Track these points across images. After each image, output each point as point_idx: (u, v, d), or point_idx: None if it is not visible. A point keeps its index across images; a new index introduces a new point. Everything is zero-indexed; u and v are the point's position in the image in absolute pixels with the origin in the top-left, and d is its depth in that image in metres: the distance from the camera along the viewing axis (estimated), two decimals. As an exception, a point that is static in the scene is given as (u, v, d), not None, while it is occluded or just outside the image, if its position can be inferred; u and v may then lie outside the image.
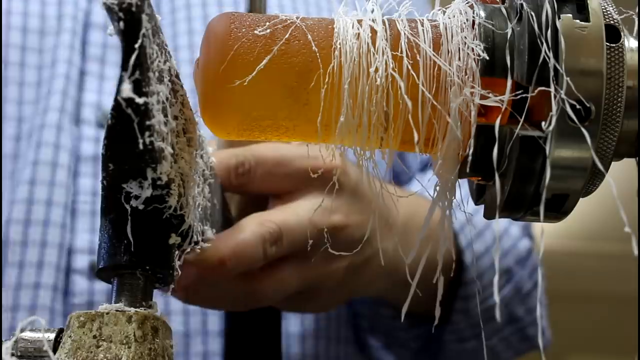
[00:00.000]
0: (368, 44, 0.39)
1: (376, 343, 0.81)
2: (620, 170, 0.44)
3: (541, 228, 0.39)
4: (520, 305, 0.78)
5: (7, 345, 0.38)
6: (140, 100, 0.36)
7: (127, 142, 0.37)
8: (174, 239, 0.42)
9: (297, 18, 0.40)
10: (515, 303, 0.78)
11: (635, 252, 0.35)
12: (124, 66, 0.36)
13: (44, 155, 0.74)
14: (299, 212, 0.54)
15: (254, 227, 0.53)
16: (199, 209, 0.45)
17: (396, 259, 0.46)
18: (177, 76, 0.42)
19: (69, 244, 0.73)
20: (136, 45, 0.36)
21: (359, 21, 0.40)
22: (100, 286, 0.72)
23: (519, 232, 0.80)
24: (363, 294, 0.70)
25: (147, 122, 0.37)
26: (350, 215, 0.56)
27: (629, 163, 0.42)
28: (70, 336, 0.39)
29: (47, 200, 0.73)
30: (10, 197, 0.73)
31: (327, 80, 0.39)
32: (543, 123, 0.37)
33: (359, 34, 0.40)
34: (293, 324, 0.73)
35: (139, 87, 0.36)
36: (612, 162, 0.40)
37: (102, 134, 0.74)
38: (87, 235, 0.74)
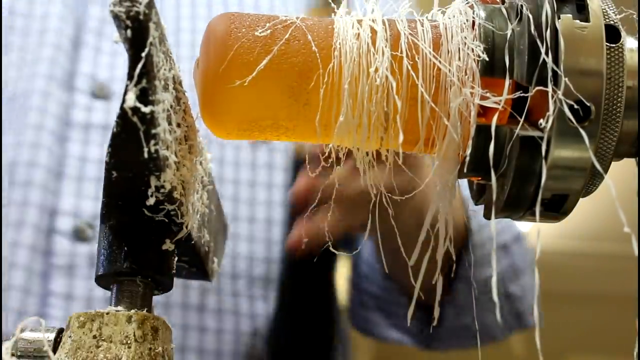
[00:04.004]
0: (368, 44, 0.39)
1: (383, 320, 0.82)
2: (620, 170, 0.44)
3: (537, 228, 0.39)
4: (513, 282, 0.80)
5: (7, 345, 0.38)
6: (146, 109, 0.36)
7: (132, 150, 0.37)
8: (168, 245, 0.42)
9: (297, 18, 0.40)
10: (509, 279, 0.79)
11: (636, 252, 0.35)
12: (130, 74, 0.36)
13: (30, 119, 0.75)
14: None
15: None
16: (198, 216, 0.45)
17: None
18: (180, 83, 0.42)
19: (52, 205, 0.74)
20: (143, 54, 0.36)
21: (359, 21, 0.40)
22: (83, 249, 0.73)
23: None
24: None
25: (153, 131, 0.37)
26: None
27: (629, 163, 0.42)
28: (70, 336, 0.39)
29: (30, 162, 0.74)
30: None
31: (326, 80, 0.39)
32: (541, 122, 0.37)
33: (359, 34, 0.40)
34: None
35: (146, 95, 0.36)
36: (612, 162, 0.40)
37: (96, 103, 0.75)
38: (72, 199, 0.74)
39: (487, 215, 0.42)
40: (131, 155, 0.37)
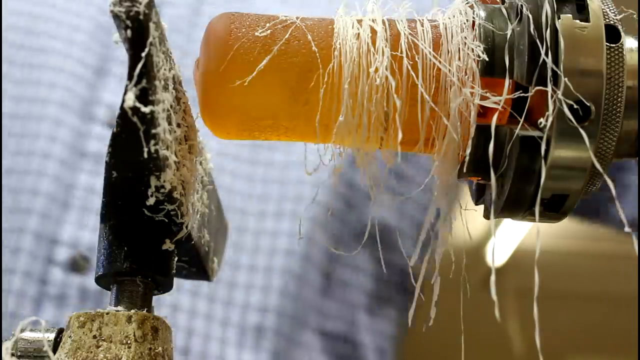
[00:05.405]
0: (368, 44, 0.39)
1: None
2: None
3: (537, 228, 0.39)
4: None
5: (7, 345, 0.38)
6: (146, 109, 0.36)
7: (131, 150, 0.37)
8: (168, 245, 0.42)
9: (297, 18, 0.40)
10: None
11: (636, 252, 0.35)
12: (130, 74, 0.36)
13: (38, 146, 0.75)
14: None
15: None
16: (198, 216, 0.45)
17: None
18: (180, 83, 0.42)
19: (52, 234, 0.74)
20: (143, 54, 0.36)
21: (359, 21, 0.40)
22: (76, 280, 0.74)
23: None
24: None
25: (153, 131, 0.37)
26: None
27: (628, 163, 0.42)
28: (70, 336, 0.39)
29: (33, 190, 0.74)
30: None
31: (326, 80, 0.39)
32: (541, 121, 0.37)
33: (359, 34, 0.40)
34: None
35: (145, 95, 0.36)
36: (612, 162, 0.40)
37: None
38: (73, 229, 0.74)
39: (486, 216, 0.42)
40: (131, 155, 0.37)
